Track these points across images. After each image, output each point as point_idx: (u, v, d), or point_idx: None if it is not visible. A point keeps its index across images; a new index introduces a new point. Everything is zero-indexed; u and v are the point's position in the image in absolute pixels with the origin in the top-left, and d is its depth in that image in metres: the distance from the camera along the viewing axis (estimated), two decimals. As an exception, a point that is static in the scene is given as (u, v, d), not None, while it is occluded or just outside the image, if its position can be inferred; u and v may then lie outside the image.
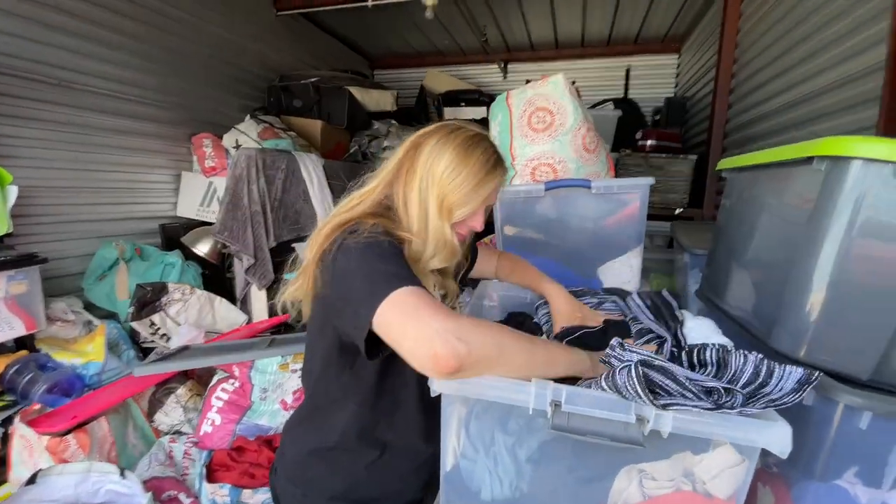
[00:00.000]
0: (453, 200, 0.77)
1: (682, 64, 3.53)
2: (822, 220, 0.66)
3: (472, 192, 0.77)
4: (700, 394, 0.51)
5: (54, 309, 1.69)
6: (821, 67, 1.48)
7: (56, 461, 1.23)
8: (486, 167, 0.78)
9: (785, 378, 0.53)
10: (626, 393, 0.49)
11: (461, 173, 0.76)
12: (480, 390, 0.56)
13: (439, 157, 0.77)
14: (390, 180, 0.81)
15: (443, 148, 0.77)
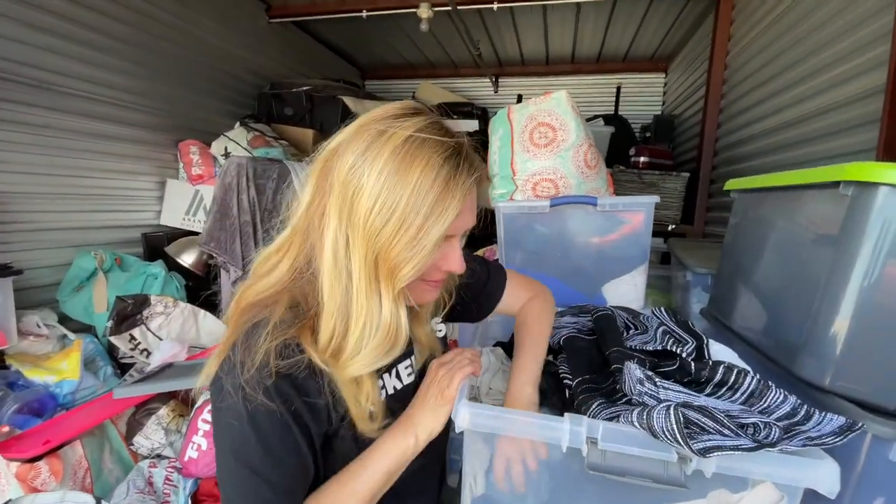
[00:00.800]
0: (397, 258, 0.51)
1: (669, 83, 3.61)
2: (848, 245, 0.65)
3: (418, 234, 0.51)
4: (738, 430, 0.48)
5: (26, 322, 1.58)
6: (817, 89, 1.52)
7: (26, 490, 1.13)
8: (438, 185, 0.51)
9: (825, 423, 0.51)
10: (663, 438, 0.46)
11: (396, 207, 0.50)
12: (510, 426, 0.52)
13: (359, 186, 0.51)
14: (307, 228, 0.57)
15: (362, 168, 0.51)
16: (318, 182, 0.56)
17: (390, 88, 4.22)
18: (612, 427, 0.49)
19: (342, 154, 0.54)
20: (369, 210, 0.51)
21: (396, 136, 0.52)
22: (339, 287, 0.54)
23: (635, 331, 0.80)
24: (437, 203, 0.51)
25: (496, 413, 0.52)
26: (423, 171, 0.51)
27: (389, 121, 0.54)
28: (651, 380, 0.54)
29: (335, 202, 0.53)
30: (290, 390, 0.54)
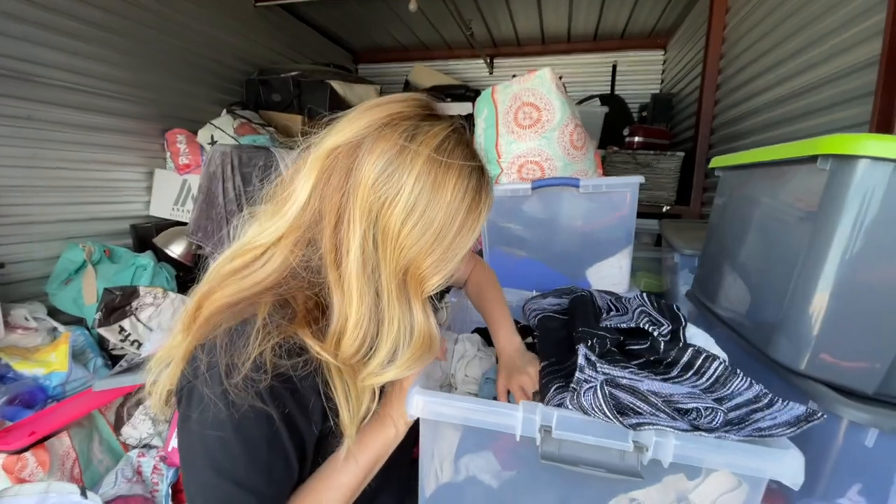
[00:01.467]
0: (427, 266, 0.50)
1: (668, 60, 3.51)
2: (826, 220, 0.62)
3: (454, 245, 0.50)
4: (673, 414, 0.46)
5: (14, 316, 1.59)
6: (811, 62, 1.46)
7: (13, 481, 1.14)
8: (468, 197, 0.50)
9: (784, 411, 0.49)
10: (593, 413, 0.44)
11: (434, 223, 0.48)
12: (463, 414, 0.50)
13: (395, 196, 0.48)
14: (310, 221, 0.51)
15: (399, 175, 0.48)
16: (327, 177, 0.51)
17: (384, 72, 4.15)
18: (567, 415, 0.48)
19: (366, 155, 0.49)
20: (403, 222, 0.48)
21: (429, 143, 0.49)
22: (370, 295, 0.50)
23: (615, 312, 0.78)
24: (468, 215, 0.51)
25: (447, 400, 0.50)
26: (456, 183, 0.49)
27: (416, 122, 0.51)
28: (592, 365, 0.52)
29: (361, 206, 0.49)
30: (285, 392, 0.50)
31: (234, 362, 0.46)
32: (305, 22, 3.42)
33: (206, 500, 0.48)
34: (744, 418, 0.49)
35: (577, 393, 0.47)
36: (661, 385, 0.50)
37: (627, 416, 0.47)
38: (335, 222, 0.50)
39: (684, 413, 0.48)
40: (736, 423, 0.48)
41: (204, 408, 0.46)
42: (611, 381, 0.48)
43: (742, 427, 0.47)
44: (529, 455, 0.49)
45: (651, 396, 0.47)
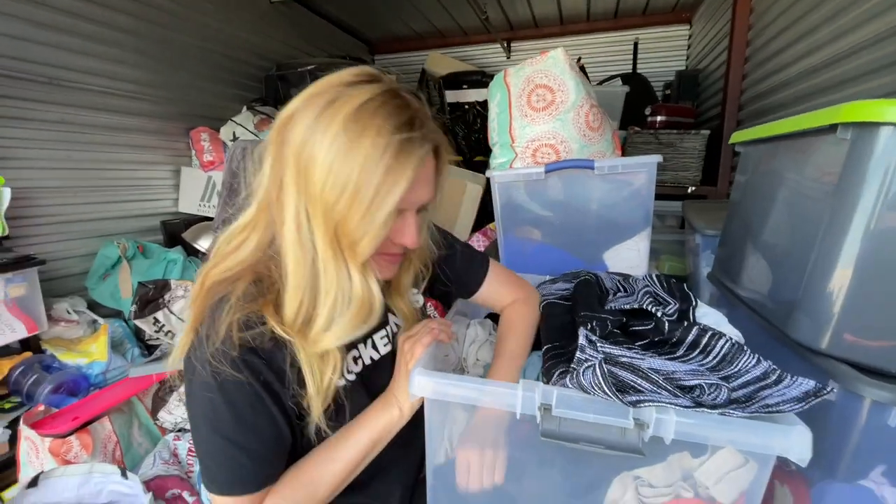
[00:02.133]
0: (351, 229, 0.50)
1: (693, 35, 3.36)
2: (847, 193, 0.59)
3: (370, 206, 0.50)
4: (675, 391, 0.45)
5: (57, 310, 1.69)
6: (845, 28, 1.37)
7: (59, 463, 1.22)
8: (389, 154, 0.49)
9: (792, 387, 0.47)
10: (592, 391, 0.44)
11: (349, 181, 0.49)
12: (464, 393, 0.51)
13: (312, 158, 0.49)
14: (268, 204, 0.56)
15: (316, 139, 0.49)
16: (276, 153, 0.55)
17: (400, 62, 4.14)
18: (567, 393, 0.48)
19: (296, 123, 0.52)
20: (323, 182, 0.50)
21: (348, 104, 0.50)
22: (305, 261, 0.53)
23: (623, 293, 0.77)
24: (387, 175, 0.50)
25: (447, 380, 0.51)
26: (373, 141, 0.49)
27: (342, 88, 0.53)
28: (593, 345, 0.51)
29: (291, 174, 0.52)
30: (258, 361, 0.54)
31: (210, 334, 0.52)
32: (320, 15, 3.44)
33: (206, 454, 0.55)
34: (751, 396, 0.48)
35: (578, 372, 0.47)
36: (663, 363, 0.49)
37: (628, 393, 0.46)
38: (277, 194, 0.54)
39: (687, 390, 0.47)
40: (742, 402, 0.47)
41: (196, 373, 0.52)
42: (610, 359, 0.48)
43: (748, 405, 0.46)
44: (532, 433, 0.49)
45: (652, 374, 0.46)
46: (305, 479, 0.58)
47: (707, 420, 0.44)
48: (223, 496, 0.55)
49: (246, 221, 0.59)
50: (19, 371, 1.46)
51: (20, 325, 1.46)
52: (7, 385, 1.45)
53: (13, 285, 1.44)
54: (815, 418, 0.64)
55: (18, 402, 1.46)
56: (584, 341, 0.52)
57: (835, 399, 0.62)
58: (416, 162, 0.52)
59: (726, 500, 0.47)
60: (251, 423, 0.54)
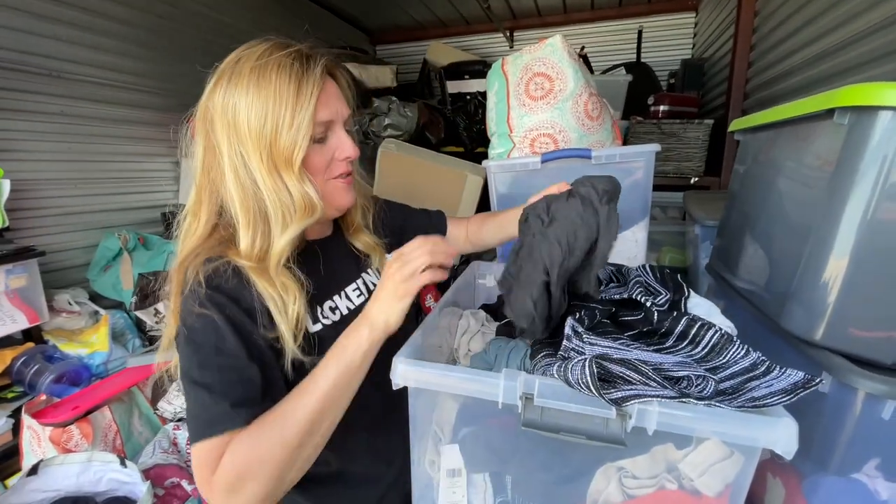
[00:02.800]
0: (283, 143, 0.60)
1: (699, 22, 3.30)
2: (844, 180, 0.58)
3: (293, 118, 0.60)
4: (664, 382, 0.44)
5: (59, 301, 1.70)
6: (854, 11, 1.34)
7: (60, 451, 1.24)
8: (292, 78, 0.61)
9: (781, 378, 0.46)
10: (577, 388, 0.43)
11: (268, 106, 0.59)
12: (445, 381, 0.50)
13: (235, 108, 0.60)
14: (207, 176, 0.64)
15: (233, 95, 0.60)
16: (203, 129, 0.64)
17: (402, 52, 4.10)
18: (549, 383, 0.47)
19: (213, 97, 0.63)
20: (248, 119, 0.60)
21: (250, 59, 0.62)
22: (248, 195, 0.62)
23: (615, 283, 0.76)
24: (299, 92, 0.61)
25: (428, 368, 0.51)
26: (278, 72, 0.61)
27: (239, 55, 0.65)
28: (579, 335, 0.50)
29: (221, 133, 0.62)
30: (223, 299, 0.59)
31: (184, 289, 0.60)
32: (321, 5, 3.41)
33: (187, 410, 0.58)
34: (738, 388, 0.47)
35: (564, 364, 0.46)
36: (651, 355, 0.48)
37: (616, 384, 0.45)
38: (212, 162, 0.64)
39: (675, 381, 0.46)
40: (730, 394, 0.46)
41: (178, 329, 0.59)
42: (602, 355, 0.47)
43: (736, 397, 0.45)
44: (515, 422, 0.49)
45: (641, 365, 0.45)
46: (273, 416, 0.55)
47: (691, 411, 0.43)
48: (196, 444, 0.54)
49: (189, 206, 0.67)
50: (21, 361, 1.48)
51: (21, 316, 1.47)
52: (10, 375, 1.47)
53: (14, 276, 1.45)
54: (807, 410, 0.63)
55: (21, 392, 1.48)
56: (569, 331, 0.51)
57: (828, 391, 0.61)
58: (316, 77, 0.63)
59: (711, 493, 0.46)
60: (215, 365, 0.56)
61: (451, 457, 0.64)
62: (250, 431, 0.53)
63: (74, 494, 1.16)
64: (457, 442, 0.63)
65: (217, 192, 0.64)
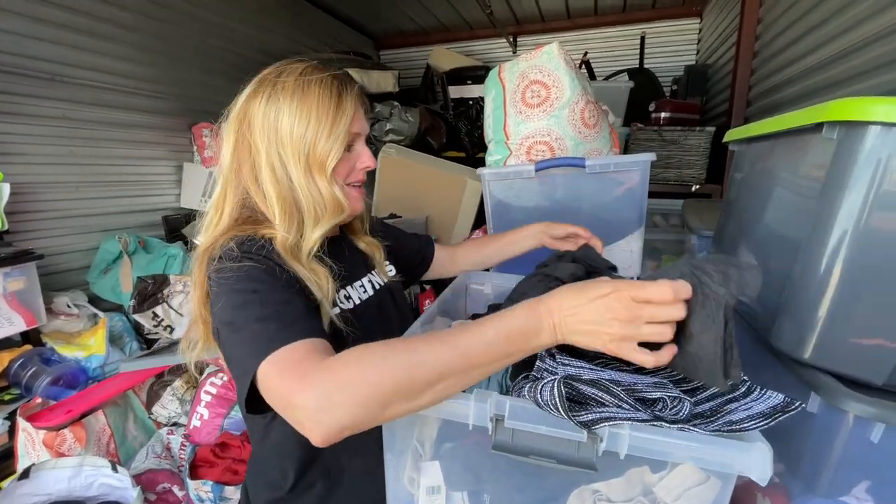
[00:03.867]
0: (320, 150, 0.68)
1: (704, 28, 3.28)
2: (833, 195, 0.56)
3: (332, 130, 0.68)
4: (635, 405, 0.43)
5: (57, 303, 1.71)
6: (857, 18, 1.32)
7: (53, 455, 1.24)
8: (333, 96, 0.68)
9: (760, 401, 0.45)
10: (548, 410, 0.42)
11: (311, 117, 0.67)
12: (418, 402, 0.49)
13: (277, 115, 0.67)
14: (235, 173, 0.70)
15: (276, 103, 0.67)
16: (240, 130, 0.69)
17: (405, 57, 4.11)
18: (520, 404, 0.46)
19: (252, 105, 0.69)
20: (292, 125, 0.67)
21: (292, 76, 0.69)
22: (284, 190, 0.68)
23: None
24: (338, 106, 0.69)
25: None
26: (320, 88, 0.68)
27: (281, 67, 0.71)
28: (552, 355, 0.49)
29: (259, 135, 0.68)
30: (261, 258, 0.63)
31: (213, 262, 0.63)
32: (324, 10, 3.43)
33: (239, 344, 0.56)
34: (716, 409, 0.45)
35: (534, 385, 0.45)
36: (625, 375, 0.47)
37: (588, 406, 0.44)
38: (247, 158, 0.69)
39: (650, 403, 0.45)
40: (707, 416, 0.45)
41: (220, 274, 0.60)
42: (571, 376, 0.45)
43: (713, 420, 0.44)
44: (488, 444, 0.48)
45: (613, 387, 0.44)
46: (404, 344, 0.47)
47: (664, 435, 0.42)
48: (265, 361, 0.50)
49: (214, 200, 0.71)
50: (18, 364, 1.49)
51: (18, 319, 1.48)
52: (7, 377, 1.48)
53: (12, 279, 1.46)
54: (796, 430, 0.61)
55: (18, 395, 1.49)
56: (542, 351, 0.50)
57: (816, 411, 0.59)
58: (353, 97, 0.71)
59: (688, 517, 0.45)
60: (270, 299, 0.58)
61: (431, 474, 0.63)
62: (373, 347, 0.47)
63: (65, 499, 1.16)
64: (437, 458, 0.62)
65: (242, 188, 0.70)
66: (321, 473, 0.72)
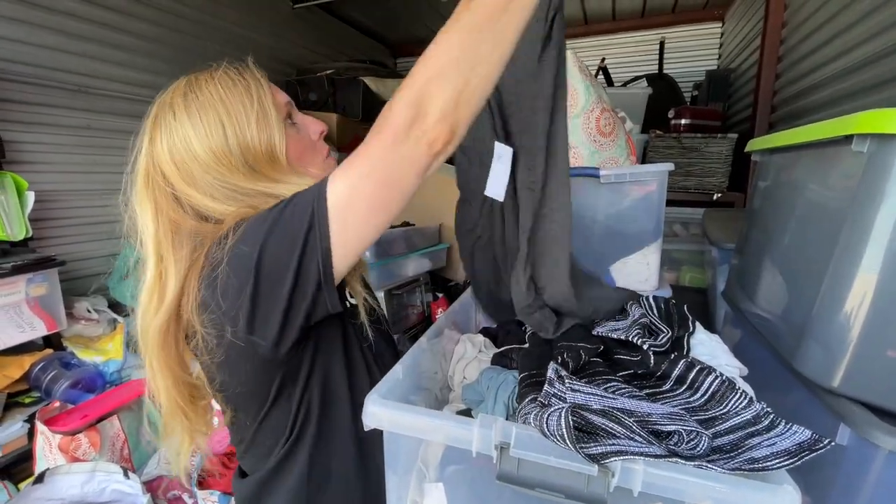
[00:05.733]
0: (258, 142, 0.57)
1: (726, 32, 3.20)
2: (866, 210, 0.53)
3: (261, 113, 0.58)
4: (649, 437, 0.40)
5: (78, 308, 1.75)
6: (885, 24, 1.26)
7: (68, 459, 1.26)
8: (235, 83, 0.59)
9: (785, 436, 0.42)
10: (554, 440, 0.40)
11: (222, 115, 0.57)
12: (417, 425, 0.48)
13: (186, 140, 0.56)
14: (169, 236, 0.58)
15: (177, 129, 0.57)
16: (152, 195, 0.61)
17: (422, 65, 4.13)
18: (527, 432, 0.43)
19: (152, 149, 0.61)
20: (206, 140, 0.57)
21: (176, 92, 0.61)
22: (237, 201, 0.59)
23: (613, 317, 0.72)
24: (245, 89, 0.59)
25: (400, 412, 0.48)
26: (214, 85, 0.59)
27: (161, 97, 0.63)
28: (562, 380, 0.47)
29: (178, 179, 0.58)
30: None
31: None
32: (342, 19, 3.47)
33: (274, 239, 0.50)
34: (737, 444, 0.42)
35: (541, 414, 0.43)
36: (639, 403, 0.45)
37: (598, 437, 0.42)
38: (176, 205, 0.59)
39: (664, 437, 0.42)
40: (727, 451, 0.42)
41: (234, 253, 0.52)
42: (581, 405, 0.43)
43: (733, 456, 0.41)
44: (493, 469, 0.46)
45: (624, 417, 0.42)
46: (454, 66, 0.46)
47: (681, 473, 0.39)
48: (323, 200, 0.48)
49: (151, 281, 0.60)
50: (39, 367, 1.52)
51: (40, 323, 1.52)
52: (28, 380, 1.51)
53: (34, 285, 1.50)
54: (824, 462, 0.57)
55: (37, 398, 1.52)
56: (552, 374, 0.48)
57: (846, 443, 0.55)
58: (254, 72, 0.62)
59: (706, 560, 0.41)
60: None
61: (435, 496, 0.61)
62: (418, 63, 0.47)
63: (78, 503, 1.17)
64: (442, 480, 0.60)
65: (188, 234, 0.59)
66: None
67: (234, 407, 0.66)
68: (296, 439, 0.63)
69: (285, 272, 0.50)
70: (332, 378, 0.65)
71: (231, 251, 0.52)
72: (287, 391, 0.62)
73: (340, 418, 0.65)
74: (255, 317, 0.52)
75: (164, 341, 0.58)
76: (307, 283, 0.50)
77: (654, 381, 0.52)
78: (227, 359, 0.58)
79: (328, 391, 0.64)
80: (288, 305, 0.51)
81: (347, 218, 0.49)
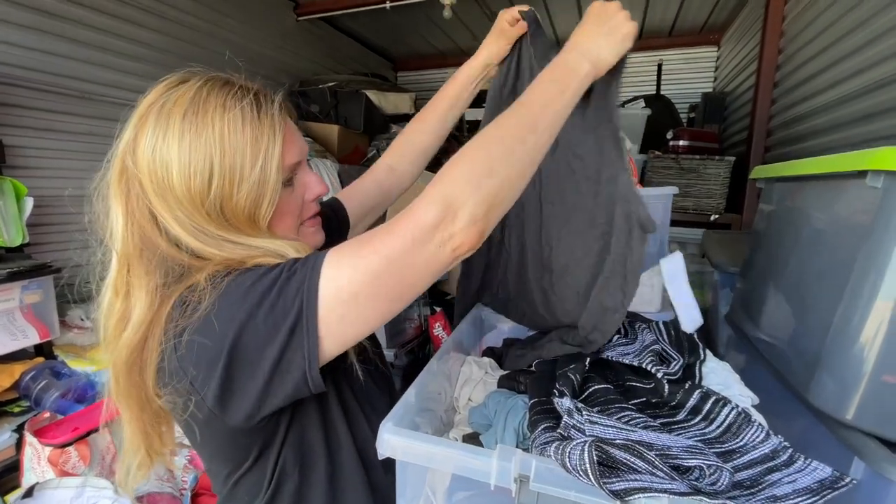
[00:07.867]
0: (244, 202, 0.49)
1: (721, 56, 3.28)
2: (882, 244, 0.53)
3: (258, 169, 0.49)
4: (671, 473, 0.40)
5: (71, 316, 1.72)
6: (881, 56, 1.30)
7: (57, 473, 1.23)
8: (246, 119, 0.50)
9: (805, 472, 0.42)
10: (577, 475, 0.39)
11: (215, 159, 0.48)
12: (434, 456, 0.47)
13: (165, 159, 0.48)
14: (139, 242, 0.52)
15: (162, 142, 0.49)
16: (124, 193, 0.53)
17: (423, 79, 4.18)
18: (546, 465, 0.43)
19: (137, 148, 0.51)
20: (187, 178, 0.48)
21: (180, 100, 0.50)
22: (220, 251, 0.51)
23: (622, 336, 0.72)
24: (255, 139, 0.50)
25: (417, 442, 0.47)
26: (222, 117, 0.49)
27: (163, 96, 0.52)
28: (580, 411, 0.47)
29: (154, 195, 0.50)
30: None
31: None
32: (345, 33, 3.51)
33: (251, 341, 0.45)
34: (757, 479, 0.42)
35: (562, 446, 0.42)
36: (657, 436, 0.44)
37: (619, 472, 0.41)
38: (151, 225, 0.51)
39: (684, 472, 0.42)
40: (747, 487, 0.42)
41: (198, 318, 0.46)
42: (602, 440, 0.43)
43: (754, 493, 0.41)
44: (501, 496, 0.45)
45: (646, 451, 0.41)
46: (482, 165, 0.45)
47: (703, 509, 0.39)
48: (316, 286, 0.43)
49: (114, 287, 0.55)
50: (30, 376, 1.49)
51: (33, 331, 1.49)
52: (17, 389, 1.48)
53: (29, 292, 1.47)
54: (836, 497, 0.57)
55: (27, 407, 1.48)
56: (570, 405, 0.47)
57: (861, 477, 0.55)
58: (273, 118, 0.52)
59: None
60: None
61: (443, 522, 0.60)
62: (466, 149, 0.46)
63: (66, 520, 1.14)
64: (450, 505, 0.59)
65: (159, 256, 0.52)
66: None
67: (208, 459, 0.62)
68: (272, 496, 0.58)
69: (263, 362, 0.45)
70: (308, 435, 0.58)
71: (204, 318, 0.46)
72: (262, 452, 0.56)
73: (318, 474, 0.59)
74: (225, 398, 0.47)
75: (130, 369, 0.52)
76: (288, 372, 0.45)
77: (668, 410, 0.52)
78: (195, 422, 0.51)
79: (305, 447, 0.58)
80: (264, 391, 0.46)
81: (347, 314, 0.44)
